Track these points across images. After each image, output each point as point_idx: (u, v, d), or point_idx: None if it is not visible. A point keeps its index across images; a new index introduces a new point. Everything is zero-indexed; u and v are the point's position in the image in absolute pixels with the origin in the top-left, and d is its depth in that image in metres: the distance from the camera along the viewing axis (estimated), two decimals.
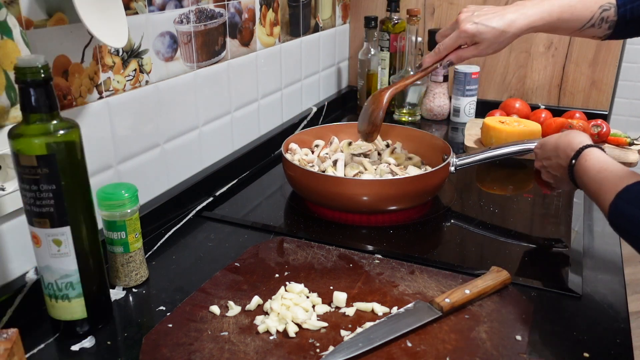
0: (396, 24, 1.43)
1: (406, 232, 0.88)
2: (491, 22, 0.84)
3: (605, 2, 0.83)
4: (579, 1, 0.84)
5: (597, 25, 0.84)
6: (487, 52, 0.88)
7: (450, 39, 0.88)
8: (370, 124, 0.95)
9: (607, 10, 0.83)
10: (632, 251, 0.63)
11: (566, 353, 0.61)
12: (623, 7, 0.83)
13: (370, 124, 0.95)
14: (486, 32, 0.84)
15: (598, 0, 0.84)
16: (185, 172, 0.97)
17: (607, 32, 0.85)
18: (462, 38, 0.87)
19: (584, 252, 0.82)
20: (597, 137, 1.19)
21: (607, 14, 0.83)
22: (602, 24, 0.84)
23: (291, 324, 0.62)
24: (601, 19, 0.83)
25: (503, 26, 0.84)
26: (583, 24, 0.84)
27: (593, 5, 0.84)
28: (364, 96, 1.48)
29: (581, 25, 0.84)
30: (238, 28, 1.06)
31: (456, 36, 0.87)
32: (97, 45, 0.75)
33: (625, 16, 0.83)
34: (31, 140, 0.55)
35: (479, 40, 0.86)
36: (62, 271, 0.60)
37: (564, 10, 0.84)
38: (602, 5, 0.83)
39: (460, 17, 0.87)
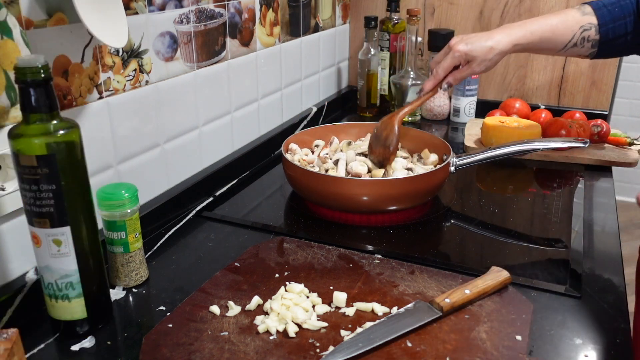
0: (396, 24, 1.43)
1: (406, 232, 0.88)
2: (480, 41, 0.92)
3: (585, 22, 0.89)
4: (560, 22, 0.91)
5: (579, 44, 0.90)
6: (480, 69, 0.94)
7: (446, 60, 0.95)
8: (386, 148, 0.95)
9: (587, 30, 0.89)
10: (632, 251, 0.63)
11: (566, 353, 0.61)
12: (604, 26, 0.89)
13: (387, 149, 0.95)
14: (477, 50, 0.92)
15: (579, 20, 0.90)
16: (185, 172, 0.97)
17: (592, 51, 0.91)
18: (456, 58, 0.93)
19: (584, 252, 0.82)
20: (597, 137, 1.19)
21: (587, 34, 0.89)
22: (584, 43, 0.90)
23: (291, 324, 0.62)
24: (582, 38, 0.89)
25: (491, 43, 0.91)
26: (565, 43, 0.91)
27: (574, 25, 0.90)
28: (364, 96, 1.48)
29: (564, 45, 0.91)
30: (238, 28, 1.06)
31: (451, 57, 0.94)
32: (97, 45, 0.75)
33: (607, 35, 0.89)
34: (31, 140, 0.55)
35: (471, 59, 0.93)
36: (62, 271, 0.60)
37: (546, 30, 0.90)
38: (582, 26, 0.89)
39: (452, 42, 0.94)
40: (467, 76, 0.96)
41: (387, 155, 0.95)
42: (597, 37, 0.89)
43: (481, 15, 1.44)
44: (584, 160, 1.14)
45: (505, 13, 1.41)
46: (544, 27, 0.91)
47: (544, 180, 1.13)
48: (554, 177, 1.12)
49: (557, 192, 1.06)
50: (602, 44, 0.90)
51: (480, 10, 1.43)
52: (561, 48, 0.91)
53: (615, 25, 0.88)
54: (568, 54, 0.93)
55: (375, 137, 0.98)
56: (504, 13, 1.41)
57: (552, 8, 1.36)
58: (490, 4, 1.42)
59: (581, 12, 0.90)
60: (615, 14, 0.88)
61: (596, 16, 0.89)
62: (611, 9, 0.89)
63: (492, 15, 1.43)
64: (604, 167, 1.13)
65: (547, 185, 1.10)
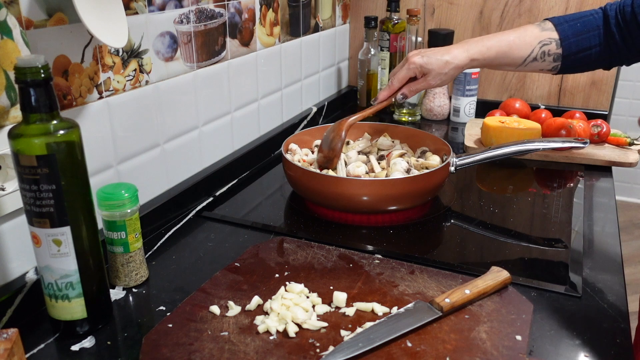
0: (396, 24, 1.43)
1: (406, 232, 0.88)
2: (437, 55, 0.93)
3: (545, 37, 0.90)
4: (517, 37, 0.91)
5: (539, 58, 0.90)
6: (435, 82, 0.94)
7: (401, 72, 0.95)
8: (330, 150, 0.96)
9: (547, 45, 0.89)
10: (632, 251, 0.63)
11: (566, 353, 0.61)
12: (566, 40, 0.89)
13: (331, 150, 0.96)
14: (432, 63, 0.92)
15: (537, 35, 0.90)
16: (185, 172, 0.97)
17: (554, 65, 0.91)
18: (411, 70, 0.94)
19: (584, 252, 0.82)
20: (597, 137, 1.19)
21: (547, 48, 0.89)
22: (545, 57, 0.90)
23: (291, 324, 0.62)
24: (542, 52, 0.90)
25: (447, 57, 0.92)
26: (524, 58, 0.91)
27: (532, 40, 0.90)
28: (364, 96, 1.48)
29: (522, 60, 0.91)
30: (238, 28, 1.06)
31: (406, 69, 0.95)
32: (97, 45, 0.75)
33: (570, 48, 0.89)
34: (31, 140, 0.55)
35: (427, 71, 0.93)
36: (62, 271, 0.60)
37: (502, 45, 0.91)
38: (541, 40, 0.90)
39: (409, 54, 0.95)
40: (422, 89, 0.96)
41: (331, 156, 0.96)
42: (559, 51, 0.89)
43: (481, 15, 1.44)
44: (584, 160, 1.14)
45: (505, 13, 1.41)
46: (500, 43, 0.91)
47: (544, 180, 1.13)
48: (554, 177, 1.12)
49: (557, 192, 1.06)
50: (565, 58, 0.90)
51: (480, 10, 1.43)
52: (520, 63, 0.92)
53: (579, 39, 0.88)
54: (529, 69, 0.93)
55: (324, 139, 0.99)
56: (504, 13, 1.41)
57: (552, 8, 1.36)
58: (490, 4, 1.42)
59: (540, 28, 0.91)
60: (578, 28, 0.89)
61: (557, 31, 0.90)
62: (573, 24, 0.89)
63: (492, 15, 1.43)
64: (604, 167, 1.13)
65: (547, 185, 1.10)
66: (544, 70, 0.93)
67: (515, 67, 0.93)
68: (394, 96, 0.98)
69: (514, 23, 1.41)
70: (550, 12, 1.37)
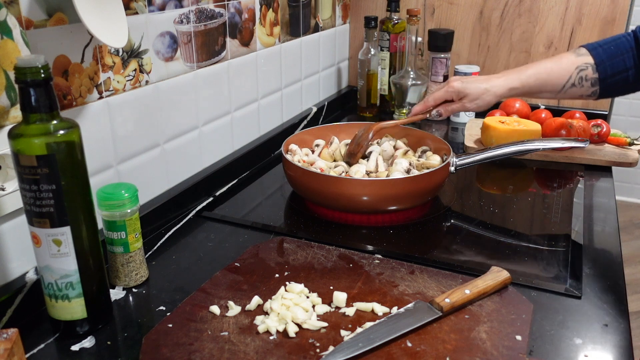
0: (396, 24, 1.43)
1: (406, 232, 0.88)
2: (477, 82, 0.97)
3: (581, 63, 0.92)
4: (555, 64, 0.94)
5: (577, 84, 0.92)
6: (471, 106, 0.98)
7: (439, 92, 1.00)
8: (357, 145, 1.00)
9: (584, 70, 0.91)
10: (632, 251, 0.63)
11: (566, 353, 0.61)
12: (601, 64, 0.91)
13: (357, 145, 1.00)
14: (471, 89, 0.96)
15: (574, 61, 0.92)
16: (185, 172, 0.97)
17: (593, 90, 0.93)
18: (449, 92, 0.98)
19: (584, 252, 0.82)
20: (597, 137, 1.19)
21: (585, 73, 0.91)
22: (583, 83, 0.92)
23: (291, 324, 0.62)
24: (580, 78, 0.91)
25: (486, 86, 0.96)
26: (562, 84, 0.93)
27: (569, 66, 0.92)
28: (364, 96, 1.48)
29: (561, 86, 0.93)
30: (238, 28, 1.06)
31: (444, 90, 0.99)
32: (97, 45, 0.75)
33: (606, 71, 0.91)
34: (31, 140, 0.55)
35: (463, 96, 0.97)
36: (62, 271, 0.60)
37: (541, 73, 0.94)
38: (578, 66, 0.92)
39: (451, 79, 1.00)
40: (457, 110, 1.01)
41: (356, 151, 1.00)
42: (596, 76, 0.91)
43: (481, 15, 1.44)
44: (584, 160, 1.14)
45: (505, 13, 1.41)
46: (539, 71, 0.94)
47: (544, 180, 1.13)
48: (554, 177, 1.12)
49: (557, 192, 1.06)
50: (602, 81, 0.91)
51: (480, 10, 1.43)
52: (559, 89, 0.94)
53: (613, 63, 0.90)
54: (569, 95, 0.95)
55: (355, 137, 1.03)
56: (504, 13, 1.41)
57: (552, 8, 1.36)
58: (490, 4, 1.42)
59: (576, 54, 0.93)
60: (611, 51, 0.90)
61: (592, 56, 0.91)
62: (606, 48, 0.91)
63: (492, 15, 1.43)
64: (604, 167, 1.13)
65: (547, 185, 1.10)
66: (583, 97, 0.94)
67: (554, 94, 0.95)
68: (429, 113, 1.02)
69: (514, 23, 1.41)
70: (550, 12, 1.37)
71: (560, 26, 1.37)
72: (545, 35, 1.39)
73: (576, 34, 1.37)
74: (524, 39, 1.41)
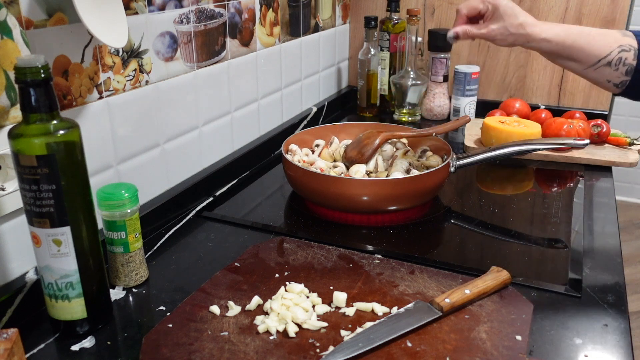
0: (396, 24, 1.43)
1: (406, 232, 0.88)
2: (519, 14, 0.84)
3: (626, 43, 0.80)
4: (599, 34, 0.82)
5: (613, 65, 0.81)
6: (496, 33, 0.84)
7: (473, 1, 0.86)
8: (359, 153, 0.98)
9: (626, 51, 0.80)
10: (632, 251, 0.63)
11: (566, 353, 0.61)
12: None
13: (359, 154, 0.98)
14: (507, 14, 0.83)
15: (619, 39, 0.81)
16: (185, 172, 0.97)
17: (624, 79, 0.81)
18: (486, 3, 0.85)
19: (584, 252, 0.82)
20: (597, 137, 1.19)
21: (626, 55, 0.80)
22: (618, 66, 0.80)
23: (291, 324, 0.62)
24: (619, 59, 0.80)
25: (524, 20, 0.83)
26: (599, 58, 0.81)
27: (613, 42, 0.81)
28: (364, 96, 1.48)
29: (597, 59, 0.81)
30: (238, 28, 1.06)
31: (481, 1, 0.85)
32: (97, 45, 0.75)
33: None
34: (31, 140, 0.55)
35: (498, 16, 0.84)
36: (62, 271, 0.60)
37: (582, 37, 0.82)
38: (622, 45, 0.80)
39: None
40: (479, 36, 0.87)
41: (358, 160, 0.97)
42: (634, 63, 0.80)
43: None
44: (583, 160, 1.14)
45: None
46: (581, 33, 0.82)
47: (544, 180, 1.13)
48: (554, 177, 1.12)
49: (557, 192, 1.06)
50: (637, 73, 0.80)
51: None
52: (593, 63, 0.82)
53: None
54: (597, 75, 0.83)
55: (357, 140, 1.00)
56: None
57: (552, 8, 1.36)
58: None
59: (622, 34, 0.82)
60: None
61: (637, 40, 0.81)
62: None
63: None
64: (604, 167, 1.13)
65: (547, 185, 1.10)
66: (610, 84, 0.83)
67: (585, 66, 0.83)
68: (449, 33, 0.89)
69: None
70: (550, 12, 1.37)
71: None
72: None
73: None
74: None
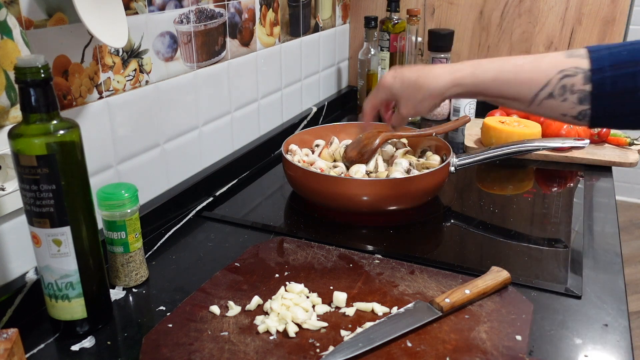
0: (396, 24, 1.43)
1: (406, 232, 0.88)
2: (409, 73, 0.71)
3: (569, 66, 0.61)
4: (529, 62, 0.64)
5: (557, 95, 0.62)
6: (408, 111, 0.73)
7: (371, 96, 0.78)
8: (359, 153, 0.97)
9: (570, 76, 0.60)
10: (632, 251, 0.63)
11: (566, 353, 0.61)
12: (599, 73, 0.59)
13: (359, 154, 0.97)
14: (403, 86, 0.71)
15: (559, 63, 0.62)
16: (185, 172, 0.97)
17: (581, 109, 0.61)
18: (380, 91, 0.76)
19: (584, 252, 0.82)
20: (597, 137, 1.19)
21: (570, 82, 0.60)
22: (565, 95, 0.61)
23: (291, 324, 0.62)
24: (562, 87, 0.61)
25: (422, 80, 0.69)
26: (534, 91, 0.63)
27: (549, 68, 0.62)
28: (364, 96, 1.48)
29: (533, 94, 0.63)
30: (238, 28, 1.06)
31: (375, 90, 0.77)
32: (97, 45, 0.75)
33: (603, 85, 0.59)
34: (31, 140, 0.55)
35: (398, 95, 0.73)
36: (62, 271, 0.60)
37: (505, 69, 0.64)
38: (562, 70, 0.61)
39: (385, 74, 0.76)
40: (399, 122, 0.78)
41: (358, 160, 0.97)
42: (587, 88, 0.60)
43: (481, 15, 1.44)
44: (584, 160, 1.14)
45: (505, 13, 1.41)
46: (503, 67, 0.65)
47: (544, 180, 1.13)
48: (554, 177, 1.12)
49: (557, 192, 1.06)
50: (597, 99, 0.60)
51: (480, 10, 1.43)
52: (530, 99, 0.64)
53: (617, 74, 0.58)
54: (544, 109, 0.64)
55: (357, 140, 1.00)
56: (504, 13, 1.41)
57: (552, 8, 1.36)
58: (490, 4, 1.42)
59: (567, 55, 0.62)
60: (621, 57, 0.59)
61: (589, 59, 0.60)
62: (614, 52, 0.60)
63: (492, 15, 1.42)
64: (604, 167, 1.13)
65: (547, 185, 1.10)
66: (567, 117, 0.63)
67: (523, 104, 0.65)
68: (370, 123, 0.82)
69: (514, 23, 1.41)
70: (550, 12, 1.37)
71: (560, 26, 1.37)
72: (545, 35, 1.39)
73: (576, 34, 1.37)
74: (524, 39, 1.41)
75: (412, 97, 0.71)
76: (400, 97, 0.73)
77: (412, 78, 0.70)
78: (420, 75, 0.70)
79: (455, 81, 0.67)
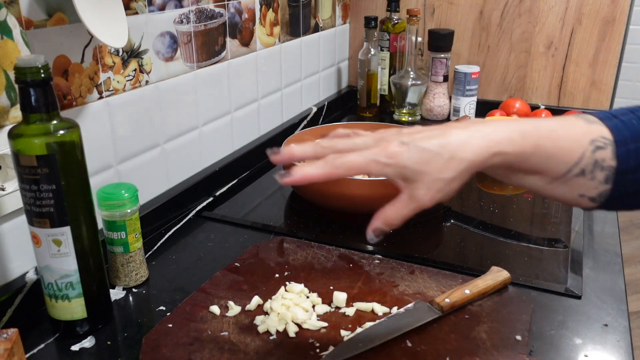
0: (396, 24, 1.43)
1: (406, 232, 0.88)
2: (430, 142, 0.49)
3: (596, 135, 0.50)
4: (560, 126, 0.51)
5: (588, 172, 0.50)
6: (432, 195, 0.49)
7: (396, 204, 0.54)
8: None
9: (601, 149, 0.50)
10: (632, 251, 0.63)
11: (566, 353, 0.61)
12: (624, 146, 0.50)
13: None
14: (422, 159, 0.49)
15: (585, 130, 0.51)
16: (185, 172, 0.97)
17: (602, 189, 0.51)
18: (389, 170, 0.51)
19: (584, 252, 0.82)
20: None
21: (602, 156, 0.50)
22: (595, 172, 0.50)
23: (291, 324, 0.62)
24: (595, 162, 0.50)
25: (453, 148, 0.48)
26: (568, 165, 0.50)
27: (580, 136, 0.50)
28: (364, 96, 1.48)
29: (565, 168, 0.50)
30: (238, 28, 1.06)
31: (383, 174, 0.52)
32: (97, 45, 0.75)
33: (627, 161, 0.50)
34: (31, 140, 0.55)
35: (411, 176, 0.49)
36: (62, 271, 0.60)
37: (543, 136, 0.50)
38: (593, 140, 0.50)
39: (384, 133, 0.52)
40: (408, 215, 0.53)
41: None
42: (613, 164, 0.50)
43: (481, 15, 1.44)
44: None
45: (505, 13, 1.41)
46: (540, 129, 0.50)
47: None
48: None
49: None
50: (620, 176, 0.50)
51: (480, 10, 1.43)
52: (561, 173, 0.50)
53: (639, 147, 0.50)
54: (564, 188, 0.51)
55: None
56: (504, 13, 1.41)
57: (552, 8, 1.36)
58: (490, 4, 1.42)
59: (584, 120, 0.52)
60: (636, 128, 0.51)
61: (608, 127, 0.51)
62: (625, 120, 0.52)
63: (492, 15, 1.43)
64: None
65: None
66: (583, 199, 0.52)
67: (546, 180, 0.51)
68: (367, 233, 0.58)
69: (514, 23, 1.41)
70: (550, 12, 1.37)
71: (560, 26, 1.37)
72: (545, 35, 1.39)
73: (576, 34, 1.37)
74: (524, 39, 1.41)
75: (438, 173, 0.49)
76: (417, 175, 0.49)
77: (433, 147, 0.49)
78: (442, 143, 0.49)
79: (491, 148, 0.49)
